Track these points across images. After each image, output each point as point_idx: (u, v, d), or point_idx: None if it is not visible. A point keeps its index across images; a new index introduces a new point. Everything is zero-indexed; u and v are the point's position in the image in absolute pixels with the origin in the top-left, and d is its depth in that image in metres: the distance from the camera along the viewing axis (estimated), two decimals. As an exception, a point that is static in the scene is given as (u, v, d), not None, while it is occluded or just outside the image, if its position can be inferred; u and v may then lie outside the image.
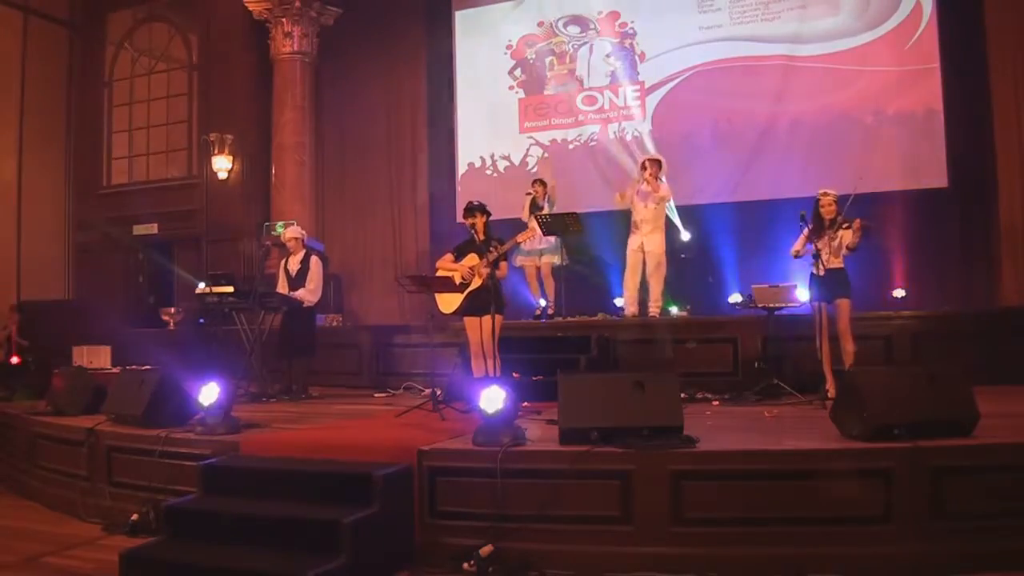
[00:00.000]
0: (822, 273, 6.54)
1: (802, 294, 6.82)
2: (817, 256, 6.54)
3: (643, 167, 8.81)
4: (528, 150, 12.27)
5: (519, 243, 7.52)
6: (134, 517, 5.56)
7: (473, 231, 7.08)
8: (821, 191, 7.05)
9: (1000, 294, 9.66)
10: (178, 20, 13.11)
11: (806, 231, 6.84)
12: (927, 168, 10.06)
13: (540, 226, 8.67)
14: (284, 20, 12.29)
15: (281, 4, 12.23)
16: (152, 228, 12.86)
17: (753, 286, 6.82)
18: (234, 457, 5.34)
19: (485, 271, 6.88)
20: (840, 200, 6.71)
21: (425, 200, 12.68)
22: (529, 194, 9.55)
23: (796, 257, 6.78)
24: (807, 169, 10.48)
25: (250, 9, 12.33)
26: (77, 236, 12.94)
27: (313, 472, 4.91)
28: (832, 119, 10.57)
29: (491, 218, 7.04)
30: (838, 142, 10.49)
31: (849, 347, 6.63)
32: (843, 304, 6.62)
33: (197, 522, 4.83)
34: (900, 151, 10.17)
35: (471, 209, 7.11)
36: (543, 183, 9.59)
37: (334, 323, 10.66)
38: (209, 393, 5.69)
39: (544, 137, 12.21)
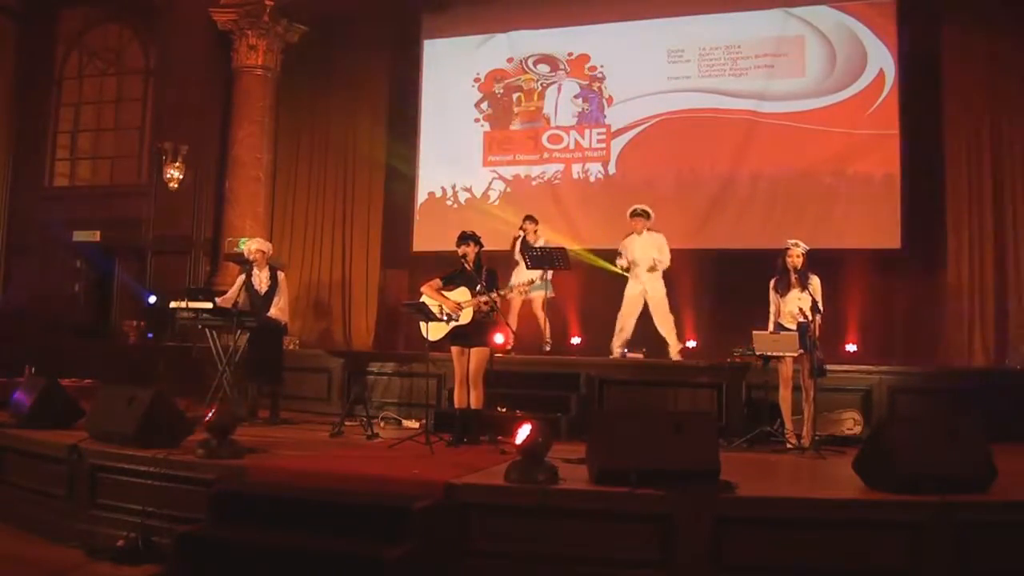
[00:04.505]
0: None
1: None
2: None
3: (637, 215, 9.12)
4: (491, 183, 12.26)
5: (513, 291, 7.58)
6: (120, 542, 5.25)
7: (464, 260, 7.05)
8: (792, 241, 7.28)
9: (942, 354, 10.10)
10: (136, 24, 12.64)
11: (772, 286, 7.16)
12: (882, 229, 10.45)
13: (527, 259, 8.68)
14: (250, 33, 11.99)
15: (248, 16, 11.92)
16: (94, 235, 12.26)
17: (754, 332, 6.94)
18: (245, 483, 5.11)
19: (475, 308, 6.83)
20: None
21: (379, 227, 12.51)
22: (518, 236, 9.49)
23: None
24: (766, 222, 10.79)
25: (215, 19, 12.00)
26: (12, 236, 12.24)
27: (340, 503, 4.72)
28: (793, 176, 10.91)
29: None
30: (797, 198, 10.83)
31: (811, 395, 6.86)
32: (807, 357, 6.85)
33: (214, 552, 4.59)
34: (857, 211, 10.54)
35: (464, 238, 7.08)
36: (535, 220, 9.57)
37: (291, 346, 10.32)
38: (215, 415, 5.45)
39: (507, 172, 12.23)
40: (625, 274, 9.36)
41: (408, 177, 12.61)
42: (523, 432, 4.83)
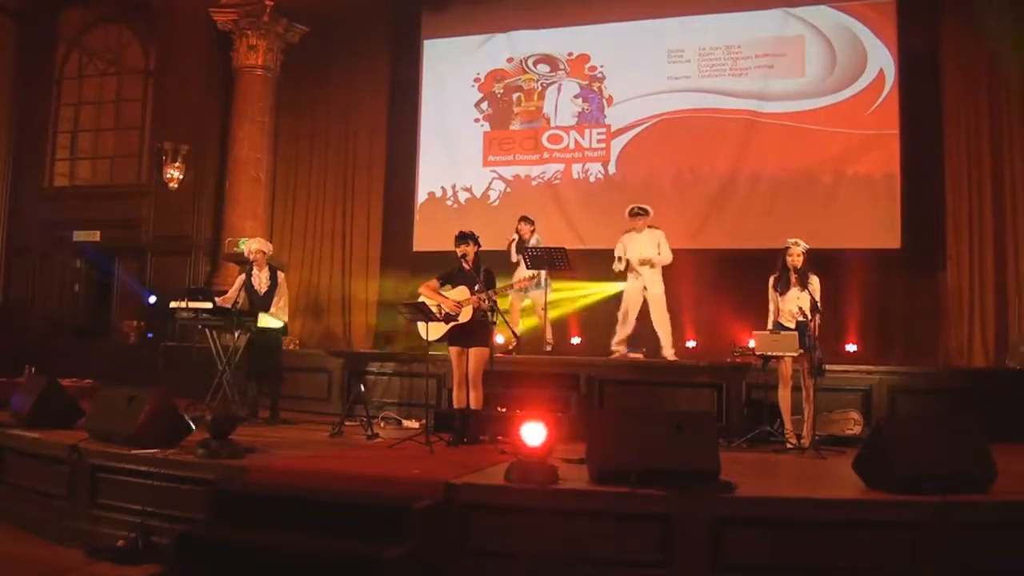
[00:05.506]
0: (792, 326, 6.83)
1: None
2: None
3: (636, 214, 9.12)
4: (491, 183, 12.27)
5: (514, 287, 7.59)
6: (120, 543, 5.25)
7: (463, 260, 7.05)
8: (792, 240, 7.27)
9: (942, 354, 10.10)
10: (136, 24, 12.63)
11: (772, 284, 7.16)
12: (882, 229, 10.46)
13: (526, 260, 8.68)
14: (249, 32, 11.98)
15: (248, 16, 11.92)
16: (94, 235, 12.26)
17: (754, 332, 6.95)
18: (246, 483, 5.11)
19: (475, 306, 6.83)
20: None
21: (379, 226, 12.51)
22: (513, 239, 9.48)
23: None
24: (766, 222, 10.78)
25: (215, 19, 12.00)
26: (12, 237, 12.25)
27: (340, 503, 4.72)
28: (792, 176, 10.91)
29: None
30: (797, 198, 10.84)
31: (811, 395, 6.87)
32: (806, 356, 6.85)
33: (214, 552, 4.59)
34: (857, 211, 10.54)
35: (464, 237, 7.08)
36: (531, 221, 9.55)
37: (291, 346, 10.32)
38: (214, 415, 5.46)
39: (507, 172, 12.23)
40: (622, 279, 9.32)
41: (408, 177, 12.61)
42: (528, 431, 4.82)
